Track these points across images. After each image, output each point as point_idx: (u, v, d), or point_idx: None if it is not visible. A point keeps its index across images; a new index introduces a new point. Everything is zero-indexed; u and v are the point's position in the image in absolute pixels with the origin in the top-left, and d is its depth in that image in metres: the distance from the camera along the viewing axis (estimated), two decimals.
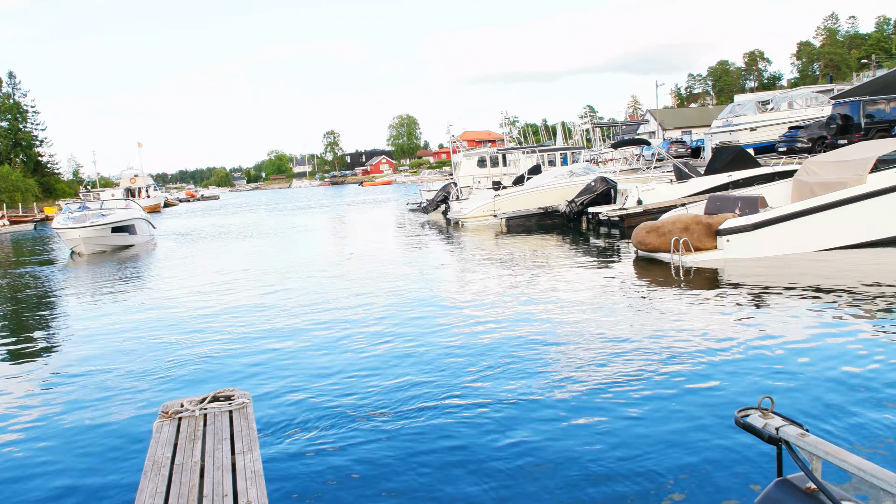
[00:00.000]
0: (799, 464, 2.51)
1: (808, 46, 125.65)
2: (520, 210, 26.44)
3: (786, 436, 2.60)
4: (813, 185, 15.25)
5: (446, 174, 60.73)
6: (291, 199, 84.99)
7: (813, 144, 27.80)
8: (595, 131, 58.69)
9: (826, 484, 2.47)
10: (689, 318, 9.65)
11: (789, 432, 2.59)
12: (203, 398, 5.52)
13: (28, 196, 77.79)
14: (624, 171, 31.09)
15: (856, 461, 2.39)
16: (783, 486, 2.61)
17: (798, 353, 7.68)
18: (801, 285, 11.24)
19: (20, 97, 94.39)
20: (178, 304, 14.03)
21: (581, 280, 13.37)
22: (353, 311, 11.81)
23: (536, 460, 5.46)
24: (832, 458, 2.43)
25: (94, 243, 27.97)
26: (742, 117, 34.48)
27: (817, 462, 2.52)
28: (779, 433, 2.62)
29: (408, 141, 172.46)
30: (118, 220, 29.52)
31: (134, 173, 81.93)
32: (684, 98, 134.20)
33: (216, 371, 8.66)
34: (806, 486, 2.54)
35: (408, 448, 5.88)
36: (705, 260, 13.67)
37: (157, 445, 4.77)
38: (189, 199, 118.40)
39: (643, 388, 6.89)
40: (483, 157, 37.98)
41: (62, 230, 27.90)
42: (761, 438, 2.69)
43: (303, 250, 23.86)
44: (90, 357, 9.94)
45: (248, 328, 11.03)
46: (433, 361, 8.35)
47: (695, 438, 5.63)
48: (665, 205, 19.72)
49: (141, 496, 4.05)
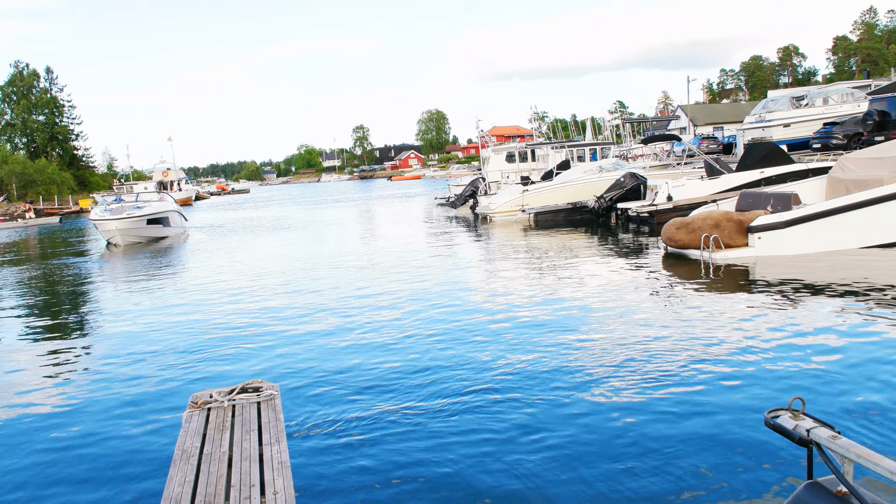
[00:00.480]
0: (830, 466, 2.46)
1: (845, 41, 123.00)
2: (548, 205, 26.31)
3: (817, 438, 2.54)
4: (848, 183, 14.95)
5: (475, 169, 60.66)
6: (321, 192, 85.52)
7: (848, 141, 27.22)
8: (625, 127, 58.14)
9: (858, 488, 2.42)
10: (719, 316, 9.53)
11: (821, 434, 2.54)
12: (232, 389, 5.59)
13: (64, 189, 79.34)
14: (654, 166, 30.76)
15: (889, 465, 2.34)
16: (813, 488, 2.56)
17: (830, 354, 7.55)
18: (834, 285, 11.04)
19: (57, 92, 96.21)
20: (208, 295, 14.21)
21: (609, 276, 13.27)
22: (381, 305, 11.85)
23: (564, 455, 5.44)
24: (865, 461, 2.38)
25: (130, 234, 28.62)
26: (775, 113, 33.87)
27: (849, 465, 2.47)
28: (810, 435, 2.56)
29: (436, 136, 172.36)
30: (153, 212, 30.20)
31: (166, 167, 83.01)
32: (716, 94, 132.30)
33: (245, 363, 8.76)
34: (837, 490, 2.49)
35: (435, 441, 5.89)
36: (736, 257, 13.48)
37: (187, 435, 4.84)
38: (220, 192, 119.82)
39: (671, 385, 6.82)
40: (512, 152, 37.82)
41: (100, 221, 28.62)
42: (791, 440, 2.64)
43: (331, 244, 24.00)
44: (124, 346, 10.11)
45: (276, 321, 11.13)
46: (460, 356, 8.36)
47: (723, 438, 5.57)
48: (695, 201, 19.49)
49: (170, 484, 4.12)
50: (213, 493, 3.98)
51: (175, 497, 3.96)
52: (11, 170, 76.35)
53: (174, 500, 3.93)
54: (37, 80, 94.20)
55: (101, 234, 29.22)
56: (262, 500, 3.86)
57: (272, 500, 3.83)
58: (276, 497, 3.85)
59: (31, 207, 58.95)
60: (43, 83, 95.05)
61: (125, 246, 27.86)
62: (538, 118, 69.58)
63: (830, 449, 2.50)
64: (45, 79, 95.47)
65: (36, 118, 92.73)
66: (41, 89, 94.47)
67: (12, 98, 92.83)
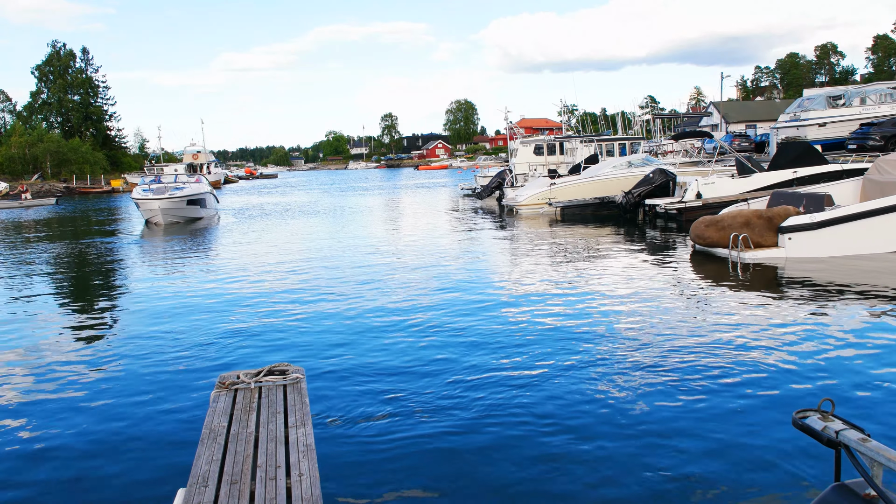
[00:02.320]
0: (859, 469, 2.44)
1: (886, 40, 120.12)
2: (575, 199, 26.18)
3: (846, 440, 2.52)
4: (884, 185, 14.68)
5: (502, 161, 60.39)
6: (347, 179, 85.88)
7: (886, 142, 26.71)
8: (655, 122, 57.55)
9: (888, 492, 2.40)
10: (748, 316, 9.43)
11: (850, 436, 2.52)
12: (258, 371, 5.66)
13: (96, 168, 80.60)
14: (684, 163, 30.42)
15: None
16: (840, 491, 2.55)
17: (861, 357, 7.45)
18: (866, 288, 10.87)
19: (92, 72, 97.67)
20: (238, 278, 14.38)
21: (636, 273, 13.19)
22: (407, 294, 11.91)
23: (588, 453, 5.45)
24: (895, 465, 2.36)
25: (171, 214, 29.34)
26: (811, 112, 33.27)
27: (878, 469, 2.44)
28: (839, 437, 2.55)
29: (465, 126, 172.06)
30: (193, 193, 31.01)
31: (197, 149, 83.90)
32: (750, 91, 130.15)
33: (272, 345, 8.87)
34: (865, 493, 2.47)
35: (461, 427, 5.93)
36: (765, 257, 13.31)
37: (214, 415, 4.92)
38: (248, 176, 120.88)
39: (698, 384, 6.78)
40: (540, 144, 37.61)
41: (142, 200, 29.33)
42: (820, 441, 2.63)
43: (358, 231, 24.14)
44: (156, 324, 10.28)
45: (304, 305, 11.23)
46: (484, 347, 8.38)
47: (750, 438, 5.53)
48: (725, 199, 19.25)
49: (198, 462, 4.19)
50: (239, 472, 4.05)
51: (203, 474, 4.03)
52: (46, 148, 77.77)
53: (202, 477, 4.00)
54: (73, 60, 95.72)
55: (142, 212, 29.91)
56: (288, 481, 3.92)
57: (297, 482, 3.88)
58: (302, 479, 3.91)
59: (28, 189, 58.99)
60: (79, 63, 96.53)
61: (165, 225, 28.52)
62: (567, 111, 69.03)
63: (860, 451, 2.48)
64: (81, 59, 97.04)
65: (71, 98, 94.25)
66: (77, 69, 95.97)
67: (49, 77, 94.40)
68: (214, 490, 3.85)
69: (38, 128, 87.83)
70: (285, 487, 3.84)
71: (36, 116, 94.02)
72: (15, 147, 77.48)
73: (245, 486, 3.87)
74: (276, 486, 3.86)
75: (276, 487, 3.84)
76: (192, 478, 3.99)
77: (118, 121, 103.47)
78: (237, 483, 3.91)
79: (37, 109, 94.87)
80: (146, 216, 29.68)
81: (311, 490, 3.79)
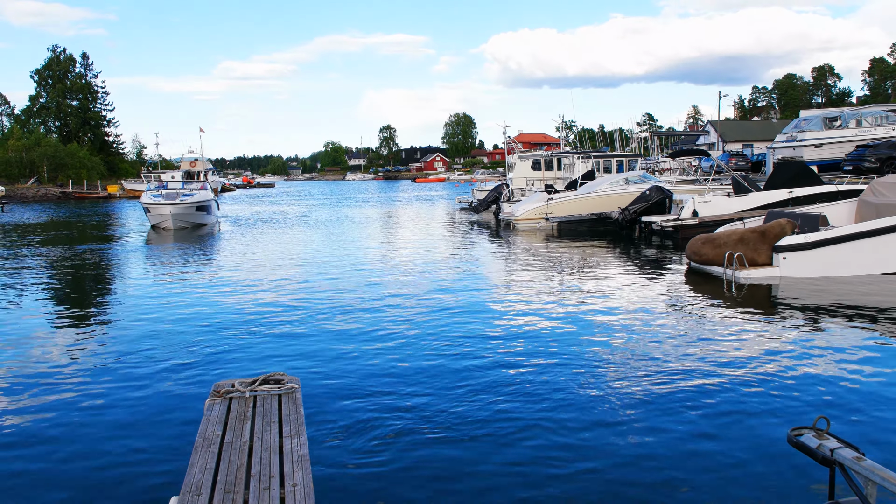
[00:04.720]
0: (853, 488, 2.45)
1: (882, 63, 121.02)
2: (572, 215, 26.22)
3: (841, 458, 2.54)
4: (879, 207, 14.75)
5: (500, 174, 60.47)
6: (345, 190, 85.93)
7: (881, 165, 26.86)
8: (653, 140, 57.78)
9: None
10: (742, 335, 9.45)
11: (845, 455, 2.53)
12: (253, 380, 5.65)
13: (93, 174, 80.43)
14: (681, 181, 30.54)
15: None
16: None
17: (855, 376, 7.47)
18: (860, 309, 10.91)
19: (91, 78, 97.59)
20: (235, 286, 14.36)
21: (630, 289, 13.21)
22: (402, 306, 11.91)
23: (581, 467, 5.44)
24: (889, 484, 2.37)
25: (180, 220, 29.64)
26: (807, 133, 33.46)
27: (872, 487, 2.45)
28: (833, 455, 2.56)
29: (463, 140, 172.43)
30: (201, 199, 31.29)
31: (194, 157, 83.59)
32: (747, 110, 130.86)
33: (267, 355, 8.85)
34: None
35: (455, 438, 5.92)
36: (760, 276, 13.33)
37: (209, 423, 4.90)
38: (245, 185, 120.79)
39: (691, 402, 6.79)
40: (538, 159, 37.72)
41: (153, 206, 29.57)
42: (814, 459, 2.64)
43: (354, 242, 24.14)
44: (152, 331, 10.24)
45: (300, 316, 11.22)
46: (478, 360, 8.38)
47: (744, 455, 5.53)
48: (721, 218, 19.32)
49: (192, 470, 4.18)
50: (233, 481, 4.03)
51: (196, 483, 4.01)
52: (43, 152, 77.58)
53: (195, 485, 3.99)
54: (72, 65, 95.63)
55: (150, 217, 30.15)
56: (282, 491, 3.91)
57: (291, 492, 3.87)
58: (296, 489, 3.90)
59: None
60: (78, 68, 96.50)
61: (174, 230, 28.72)
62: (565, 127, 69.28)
63: (854, 470, 2.49)
64: (81, 64, 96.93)
65: (70, 103, 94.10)
66: (76, 74, 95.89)
67: (48, 82, 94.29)
68: (207, 499, 3.83)
69: (36, 132, 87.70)
70: (279, 497, 3.83)
71: (34, 120, 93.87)
72: (12, 150, 77.30)
73: (238, 496, 3.86)
74: (270, 496, 3.85)
75: (269, 497, 3.83)
76: (185, 486, 3.98)
77: (116, 126, 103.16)
78: (230, 492, 3.89)
79: (35, 113, 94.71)
80: (154, 221, 29.91)
81: (304, 501, 3.78)
